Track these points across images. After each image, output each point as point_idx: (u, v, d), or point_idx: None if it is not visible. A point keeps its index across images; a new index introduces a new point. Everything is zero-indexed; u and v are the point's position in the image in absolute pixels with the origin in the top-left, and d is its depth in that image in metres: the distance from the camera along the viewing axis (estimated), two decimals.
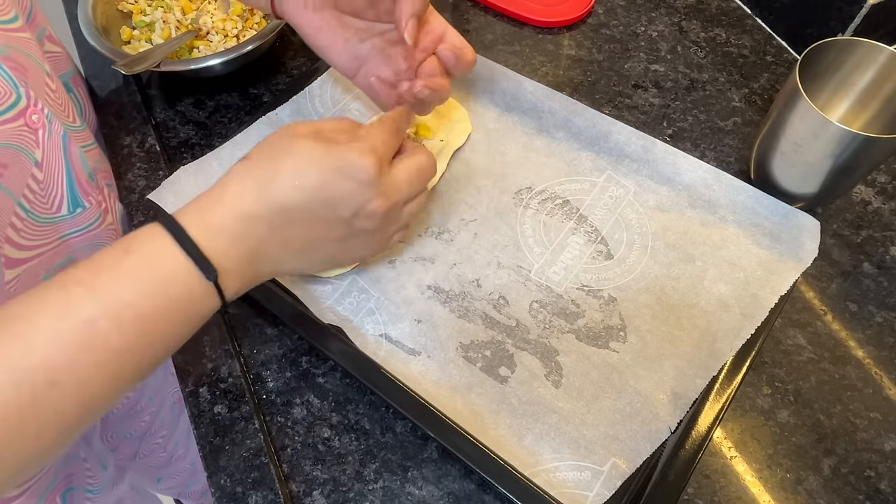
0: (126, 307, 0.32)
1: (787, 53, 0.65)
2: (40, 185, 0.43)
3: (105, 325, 0.31)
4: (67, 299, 0.31)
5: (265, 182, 0.37)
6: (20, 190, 0.41)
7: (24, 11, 0.47)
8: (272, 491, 0.42)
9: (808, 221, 0.49)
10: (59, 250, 0.47)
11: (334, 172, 0.38)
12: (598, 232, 0.52)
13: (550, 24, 0.67)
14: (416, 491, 0.42)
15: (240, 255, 0.37)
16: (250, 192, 0.37)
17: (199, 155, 0.54)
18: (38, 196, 0.43)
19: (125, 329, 0.32)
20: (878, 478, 0.43)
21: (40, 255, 0.45)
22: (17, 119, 0.40)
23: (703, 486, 0.42)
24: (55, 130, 0.43)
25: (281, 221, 0.37)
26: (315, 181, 0.37)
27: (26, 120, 0.40)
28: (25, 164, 0.41)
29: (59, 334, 0.31)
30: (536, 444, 0.42)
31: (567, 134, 0.56)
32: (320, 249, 0.41)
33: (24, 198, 0.41)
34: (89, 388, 0.32)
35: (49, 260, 0.46)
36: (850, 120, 0.52)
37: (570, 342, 0.46)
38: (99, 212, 0.48)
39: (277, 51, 0.66)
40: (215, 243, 0.35)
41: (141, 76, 0.63)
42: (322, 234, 0.39)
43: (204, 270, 0.35)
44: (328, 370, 0.47)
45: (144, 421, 0.73)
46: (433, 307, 0.48)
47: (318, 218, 0.38)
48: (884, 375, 0.46)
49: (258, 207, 0.36)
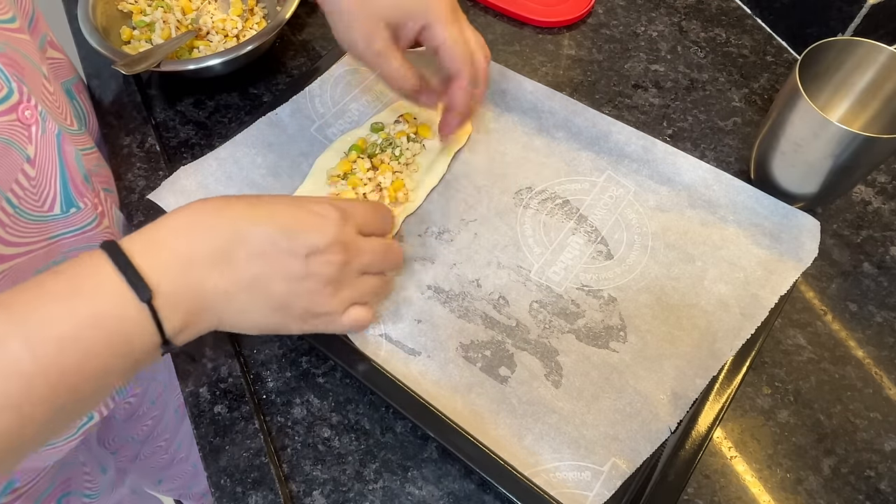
0: (42, 327, 0.30)
1: (787, 53, 0.65)
2: (31, 181, 0.42)
3: (16, 345, 0.29)
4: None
5: (227, 207, 0.36)
6: (8, 185, 0.40)
7: (25, 16, 0.47)
8: (272, 491, 0.42)
9: (808, 221, 0.49)
10: (52, 250, 0.46)
11: (299, 211, 0.38)
12: (598, 232, 0.52)
13: (550, 24, 0.67)
14: (416, 491, 0.42)
15: (184, 280, 0.34)
16: (209, 215, 0.36)
17: (199, 155, 0.54)
18: (29, 193, 0.42)
19: (38, 350, 0.30)
20: (878, 478, 0.43)
21: (28, 252, 0.43)
22: (9, 113, 0.39)
23: (703, 486, 0.42)
24: (49, 128, 0.43)
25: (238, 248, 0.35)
26: (280, 216, 0.37)
27: (19, 115, 0.40)
28: (16, 158, 0.40)
29: None
30: (536, 444, 0.42)
31: (567, 134, 0.56)
32: (271, 291, 0.37)
33: (11, 192, 0.40)
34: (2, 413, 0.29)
35: (40, 259, 0.45)
36: (850, 120, 0.52)
37: (570, 342, 0.46)
38: (95, 214, 0.48)
39: (277, 51, 0.66)
40: (156, 263, 0.33)
41: (141, 76, 0.63)
42: (276, 269, 0.37)
43: (137, 290, 0.32)
44: (328, 370, 0.47)
45: (147, 425, 0.72)
46: (433, 307, 0.48)
47: (278, 251, 0.37)
48: (884, 375, 0.46)
49: (214, 229, 0.35)
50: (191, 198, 0.51)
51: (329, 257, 0.38)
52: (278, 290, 0.37)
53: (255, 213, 0.37)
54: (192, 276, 0.34)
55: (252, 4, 0.66)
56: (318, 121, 0.57)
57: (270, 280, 0.37)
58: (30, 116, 0.41)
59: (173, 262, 0.34)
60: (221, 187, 0.53)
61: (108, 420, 0.66)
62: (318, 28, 0.68)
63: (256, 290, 0.37)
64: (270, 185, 0.53)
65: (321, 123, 0.57)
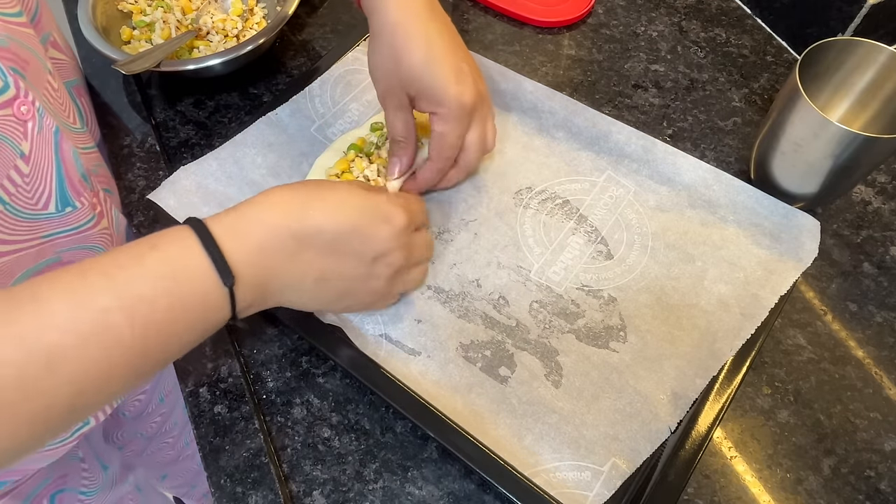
0: (141, 303, 0.32)
1: (787, 53, 0.65)
2: (25, 178, 0.41)
3: (118, 318, 0.31)
4: (84, 287, 0.31)
5: (305, 203, 0.38)
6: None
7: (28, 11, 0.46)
8: (272, 491, 0.42)
9: (808, 221, 0.49)
10: (44, 249, 0.45)
11: (372, 215, 0.40)
12: (598, 232, 0.52)
13: (550, 24, 0.67)
14: (416, 491, 0.42)
15: (260, 267, 0.37)
16: (287, 208, 0.38)
17: (199, 155, 0.54)
18: (22, 190, 0.42)
19: (137, 325, 0.32)
20: (878, 478, 0.43)
21: (17, 251, 0.43)
22: (4, 108, 0.39)
23: (703, 486, 0.42)
24: (46, 125, 0.42)
25: (310, 243, 0.38)
26: (353, 217, 0.39)
27: (14, 110, 0.39)
28: (8, 154, 0.40)
29: (71, 322, 0.30)
30: (536, 444, 0.42)
31: (567, 134, 0.56)
32: (334, 285, 0.41)
33: (1, 188, 0.40)
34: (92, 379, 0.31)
35: (31, 258, 0.44)
36: (850, 120, 0.52)
37: (570, 342, 0.46)
38: (93, 214, 0.47)
39: (277, 51, 0.66)
40: (238, 250, 0.36)
41: (141, 76, 0.63)
42: (343, 268, 0.40)
43: (222, 275, 0.35)
44: (328, 370, 0.47)
45: (155, 422, 0.72)
46: (433, 307, 0.48)
47: (347, 251, 0.40)
48: (884, 375, 0.46)
49: (291, 223, 0.37)
50: (191, 198, 0.52)
51: (392, 259, 0.42)
52: (341, 285, 0.41)
53: (330, 208, 0.39)
54: (267, 264, 0.37)
55: (252, 4, 0.66)
56: (318, 121, 0.57)
57: (336, 276, 0.40)
58: (26, 112, 0.40)
59: (253, 250, 0.36)
60: (221, 187, 0.53)
61: (117, 417, 0.66)
62: (318, 28, 0.68)
63: (322, 283, 0.40)
64: (270, 185, 0.53)
65: (321, 123, 0.57)
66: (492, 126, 0.50)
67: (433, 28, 0.44)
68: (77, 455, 0.59)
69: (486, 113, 0.49)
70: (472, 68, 0.47)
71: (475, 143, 0.48)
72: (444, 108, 0.45)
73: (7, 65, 0.39)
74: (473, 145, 0.48)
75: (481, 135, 0.48)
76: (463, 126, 0.47)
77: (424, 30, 0.44)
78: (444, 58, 0.44)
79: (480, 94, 0.47)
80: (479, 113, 0.47)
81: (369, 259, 0.41)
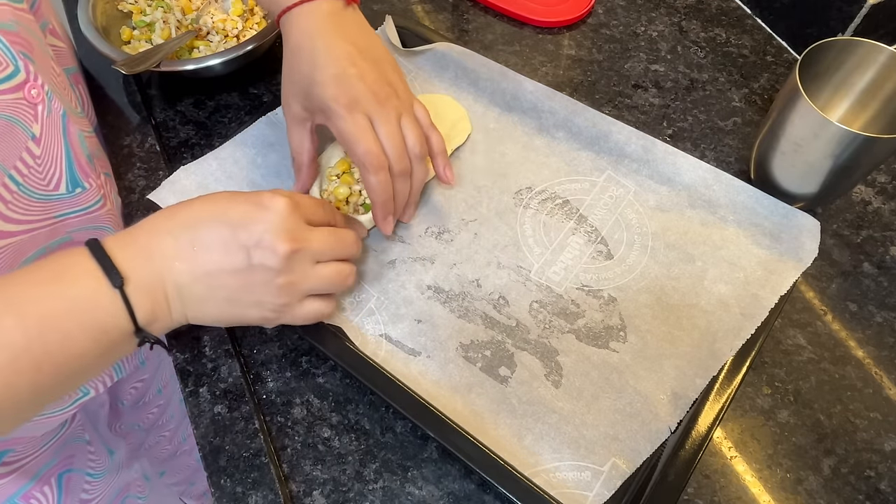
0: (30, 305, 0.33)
1: (787, 53, 0.65)
2: (36, 160, 0.42)
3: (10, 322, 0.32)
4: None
5: (178, 209, 0.39)
6: (11, 162, 0.41)
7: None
8: (272, 491, 0.42)
9: (808, 221, 0.49)
10: (57, 228, 0.46)
11: (244, 200, 0.40)
12: (598, 232, 0.52)
13: (550, 24, 0.67)
14: (416, 491, 0.42)
15: (148, 269, 0.37)
16: (163, 215, 0.39)
17: (199, 155, 0.54)
18: (34, 171, 0.43)
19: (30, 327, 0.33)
20: (878, 478, 0.43)
21: (31, 230, 0.44)
22: (15, 91, 0.40)
23: (703, 486, 0.42)
24: (55, 108, 0.43)
25: (186, 239, 0.38)
26: (223, 203, 0.39)
27: (25, 94, 0.40)
28: (20, 136, 0.41)
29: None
30: (536, 444, 0.42)
31: (567, 134, 0.56)
32: (221, 283, 0.39)
33: (15, 170, 0.41)
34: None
35: (44, 237, 0.46)
36: (850, 120, 0.52)
37: (570, 342, 0.46)
38: (100, 195, 0.48)
39: (277, 51, 0.65)
40: (124, 251, 0.37)
41: (141, 76, 0.63)
42: (222, 261, 0.39)
43: (110, 275, 0.35)
44: (328, 370, 0.47)
45: (152, 413, 0.73)
46: (433, 307, 0.48)
47: (220, 240, 0.38)
48: (884, 375, 0.46)
49: (167, 224, 0.39)
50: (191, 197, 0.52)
51: (274, 247, 0.39)
52: (229, 282, 0.39)
53: (208, 209, 0.39)
54: (156, 268, 0.37)
55: (252, 4, 0.66)
56: None
57: (220, 273, 0.39)
58: (36, 95, 0.41)
59: (140, 254, 0.37)
60: (221, 187, 0.53)
61: (115, 406, 0.67)
62: None
63: (210, 283, 0.39)
64: (271, 184, 0.53)
65: None
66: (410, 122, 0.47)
67: (321, 42, 0.45)
68: (84, 437, 0.59)
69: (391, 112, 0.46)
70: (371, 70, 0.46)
71: (385, 138, 0.45)
72: (324, 113, 0.46)
73: (17, 49, 0.40)
74: (384, 140, 0.45)
75: (389, 132, 0.45)
76: (357, 120, 0.45)
77: (311, 45, 0.45)
78: (325, 67, 0.45)
79: (374, 94, 0.45)
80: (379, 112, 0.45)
81: (246, 248, 0.39)
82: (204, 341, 0.48)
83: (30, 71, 0.40)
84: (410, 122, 0.47)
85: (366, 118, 0.45)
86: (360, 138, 0.44)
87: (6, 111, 0.39)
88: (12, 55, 0.39)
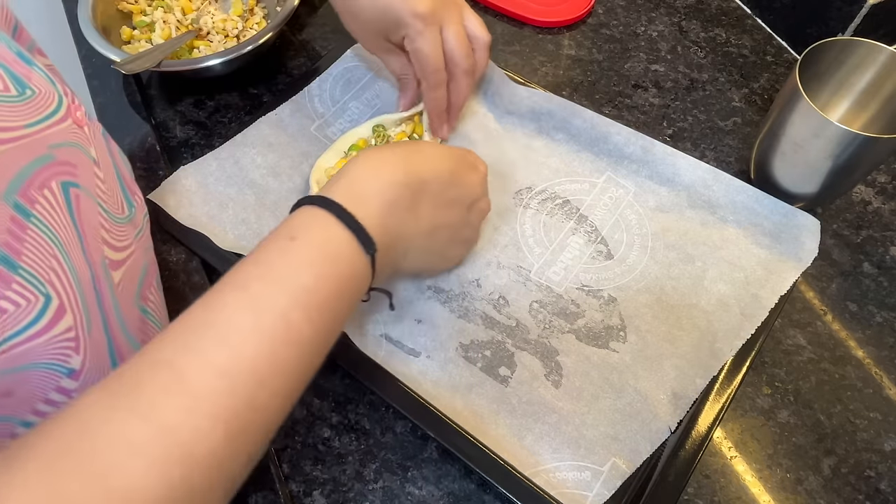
0: (309, 294, 0.32)
1: (787, 53, 0.65)
2: (104, 184, 0.40)
3: (297, 315, 0.31)
4: (253, 298, 0.31)
5: (406, 158, 0.39)
6: (94, 190, 0.38)
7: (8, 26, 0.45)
8: (272, 491, 0.42)
9: (809, 221, 0.49)
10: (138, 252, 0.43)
11: (464, 163, 0.43)
12: (598, 232, 0.52)
13: (550, 24, 0.67)
14: (416, 491, 0.42)
15: (386, 228, 0.37)
16: (393, 165, 0.38)
17: (199, 155, 0.54)
18: (108, 196, 0.40)
19: (313, 317, 0.32)
20: (878, 478, 0.43)
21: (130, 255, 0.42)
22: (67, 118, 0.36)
23: (703, 486, 0.42)
24: (96, 128, 0.41)
25: (421, 193, 0.39)
26: (451, 165, 0.41)
27: (73, 118, 0.37)
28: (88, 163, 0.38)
29: (259, 333, 0.30)
30: (536, 444, 0.42)
31: (567, 136, 0.56)
32: (440, 236, 0.42)
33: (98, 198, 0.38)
34: (289, 382, 0.31)
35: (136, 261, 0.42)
36: (850, 120, 0.52)
37: (570, 342, 0.46)
38: (145, 211, 0.46)
39: (277, 51, 0.66)
40: (370, 215, 0.36)
41: (141, 76, 0.63)
42: (448, 217, 0.42)
43: (365, 245, 0.35)
44: (328, 370, 0.47)
45: None
46: (433, 307, 0.48)
47: (448, 199, 0.41)
48: (884, 375, 0.47)
49: (402, 176, 0.38)
50: (191, 198, 0.52)
51: (482, 205, 0.45)
52: (445, 236, 0.43)
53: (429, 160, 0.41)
54: (391, 222, 0.37)
55: (252, 4, 0.66)
56: (318, 120, 0.58)
57: (443, 225, 0.42)
58: (81, 118, 0.38)
59: (380, 211, 0.37)
60: (221, 187, 0.53)
61: None
62: (318, 28, 0.68)
63: (432, 236, 0.42)
64: (271, 184, 0.53)
65: (321, 123, 0.57)
66: (472, 18, 0.50)
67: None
68: None
69: (455, 12, 0.49)
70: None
71: (453, 40, 0.48)
72: (404, 28, 0.47)
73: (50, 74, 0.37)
74: (452, 42, 0.48)
75: (457, 31, 0.48)
76: (430, 36, 0.47)
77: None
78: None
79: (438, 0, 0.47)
80: (445, 15, 0.48)
81: (466, 206, 0.43)
82: None
83: (68, 94, 0.38)
84: (472, 17, 0.50)
85: (438, 30, 0.48)
86: (432, 58, 0.48)
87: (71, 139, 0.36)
88: (52, 81, 0.36)
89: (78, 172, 0.36)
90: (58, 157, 0.33)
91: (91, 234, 0.36)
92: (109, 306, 0.36)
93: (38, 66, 0.36)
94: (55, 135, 0.34)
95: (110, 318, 0.36)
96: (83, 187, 0.36)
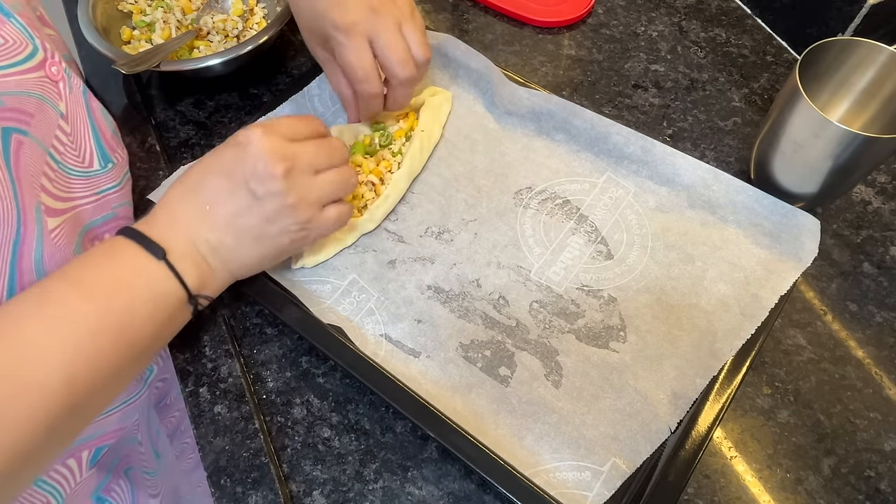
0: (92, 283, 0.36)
1: (787, 53, 0.65)
2: (69, 137, 0.43)
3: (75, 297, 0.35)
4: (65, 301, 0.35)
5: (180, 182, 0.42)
6: (49, 140, 0.41)
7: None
8: (272, 491, 0.42)
9: (809, 221, 0.49)
10: (101, 204, 0.48)
11: (224, 148, 0.42)
12: (598, 232, 0.52)
13: (550, 24, 0.67)
14: (416, 491, 0.42)
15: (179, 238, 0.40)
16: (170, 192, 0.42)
17: (199, 155, 0.54)
18: (69, 148, 0.43)
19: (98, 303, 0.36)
20: (878, 478, 0.43)
21: (77, 207, 0.45)
22: (37, 70, 0.40)
23: (703, 486, 0.42)
24: (75, 85, 0.44)
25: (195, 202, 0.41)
26: (210, 159, 0.42)
27: (46, 71, 0.40)
28: (51, 115, 0.41)
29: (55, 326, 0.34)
30: (536, 444, 0.42)
31: (567, 136, 0.56)
32: (243, 226, 0.41)
33: (53, 149, 0.42)
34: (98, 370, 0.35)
35: (89, 213, 0.47)
36: (850, 120, 0.52)
37: (570, 342, 0.46)
38: (126, 168, 0.50)
39: (277, 51, 0.66)
40: (153, 231, 0.40)
41: (141, 76, 0.63)
42: (233, 204, 0.41)
43: (151, 250, 0.38)
44: (328, 370, 0.47)
45: (174, 417, 0.72)
46: (433, 307, 0.48)
47: (222, 189, 0.41)
48: (884, 375, 0.46)
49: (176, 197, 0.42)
50: None
51: (270, 172, 0.40)
52: (249, 222, 0.41)
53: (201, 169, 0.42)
54: (185, 237, 0.40)
55: (252, 4, 0.66)
56: None
57: (237, 217, 0.41)
58: (56, 73, 0.41)
59: (167, 229, 0.40)
60: None
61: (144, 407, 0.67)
62: None
63: (234, 230, 0.41)
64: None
65: None
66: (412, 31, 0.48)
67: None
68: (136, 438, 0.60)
69: (388, 22, 0.47)
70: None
71: (383, 52, 0.47)
72: (330, 39, 0.47)
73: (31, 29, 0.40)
74: (384, 52, 0.47)
75: (387, 41, 0.46)
76: (354, 48, 0.46)
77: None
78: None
79: (371, 9, 0.46)
80: (373, 26, 0.46)
81: (242, 184, 0.41)
82: (204, 341, 0.48)
83: (47, 49, 0.40)
84: (412, 29, 0.48)
85: (365, 40, 0.46)
86: (357, 70, 0.47)
87: (35, 89, 0.39)
88: (29, 34, 0.39)
89: (32, 122, 0.39)
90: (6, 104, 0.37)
91: (27, 179, 0.39)
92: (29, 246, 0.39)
93: (15, 19, 0.39)
94: (11, 83, 0.38)
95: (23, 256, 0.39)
96: (32, 135, 0.39)
